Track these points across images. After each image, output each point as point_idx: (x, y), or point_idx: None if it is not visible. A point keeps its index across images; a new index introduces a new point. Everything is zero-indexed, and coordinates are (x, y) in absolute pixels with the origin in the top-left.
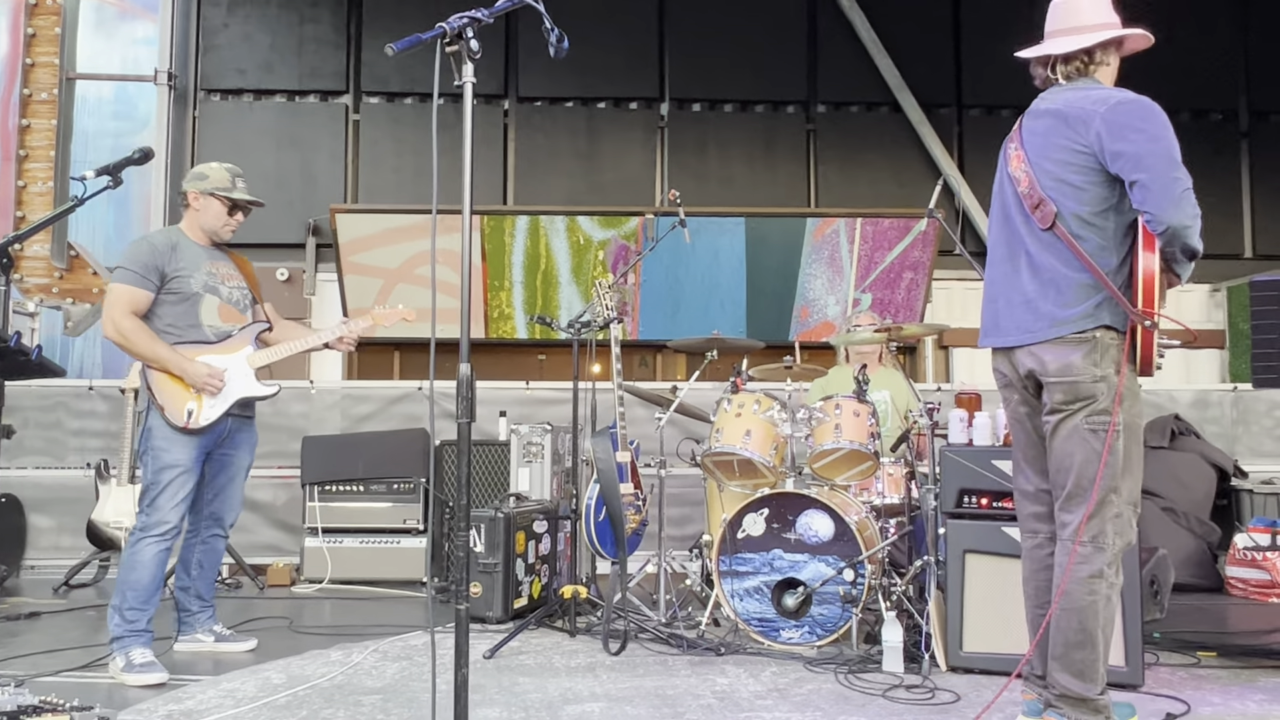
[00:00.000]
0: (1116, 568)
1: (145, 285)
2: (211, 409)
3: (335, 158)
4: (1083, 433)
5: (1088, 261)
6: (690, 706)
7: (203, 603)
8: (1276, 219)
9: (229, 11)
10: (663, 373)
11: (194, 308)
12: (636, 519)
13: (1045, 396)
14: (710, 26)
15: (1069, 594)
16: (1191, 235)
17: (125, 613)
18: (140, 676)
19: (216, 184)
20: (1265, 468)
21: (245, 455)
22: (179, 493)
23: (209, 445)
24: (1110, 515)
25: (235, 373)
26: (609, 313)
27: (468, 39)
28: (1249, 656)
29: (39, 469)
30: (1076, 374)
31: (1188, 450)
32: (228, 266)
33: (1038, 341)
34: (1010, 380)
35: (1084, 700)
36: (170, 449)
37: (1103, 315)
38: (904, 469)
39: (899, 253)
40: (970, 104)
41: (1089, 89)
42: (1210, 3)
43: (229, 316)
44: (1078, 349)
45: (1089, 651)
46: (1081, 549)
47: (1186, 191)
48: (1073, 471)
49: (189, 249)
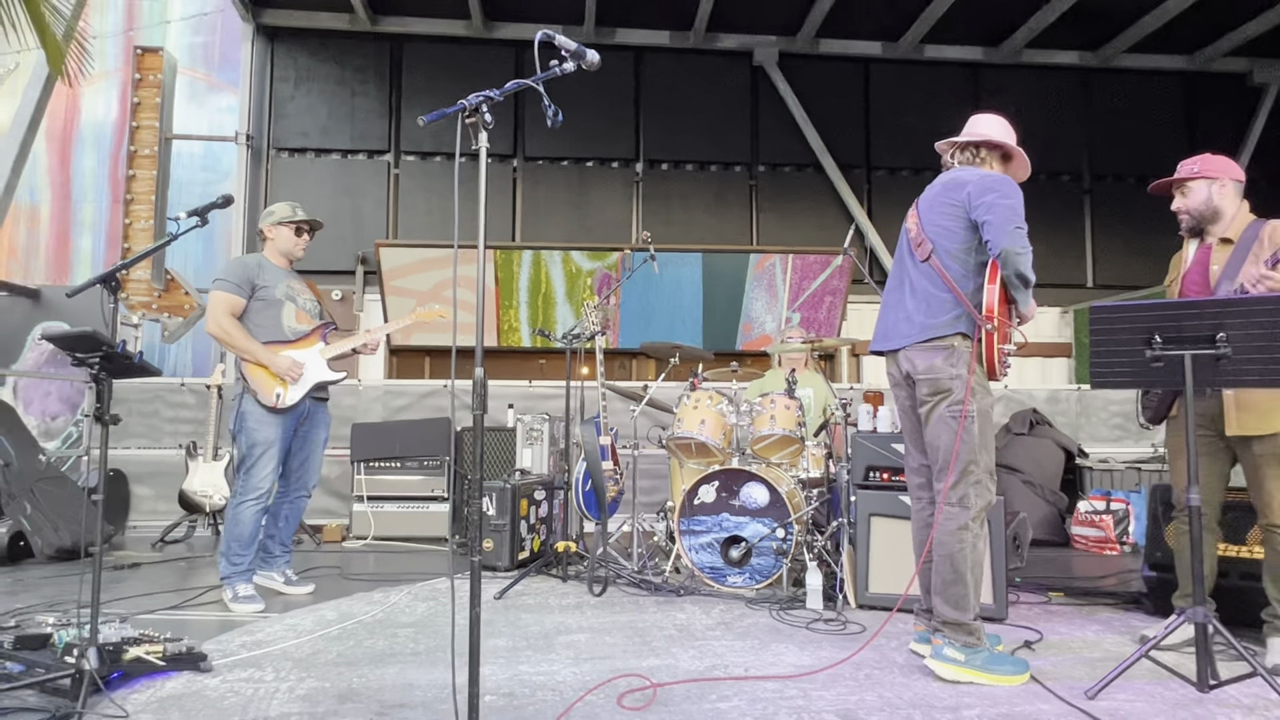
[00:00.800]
0: (981, 521)
1: (240, 293)
2: (295, 392)
3: (379, 203)
4: (946, 419)
5: (951, 284)
6: (656, 636)
7: (283, 548)
8: (1111, 257)
9: (295, 86)
10: (636, 374)
11: (277, 312)
12: (615, 489)
13: (916, 391)
14: (675, 104)
15: (942, 543)
16: (1021, 262)
17: (231, 558)
18: (244, 606)
19: (281, 216)
20: (1102, 449)
21: (322, 431)
22: (269, 463)
23: (293, 424)
24: (972, 482)
25: (311, 363)
26: (594, 327)
27: (483, 113)
28: (1088, 596)
29: (140, 449)
30: (937, 372)
31: (1043, 436)
32: (301, 284)
33: (911, 344)
34: (897, 380)
35: (960, 625)
36: (261, 428)
37: (959, 325)
38: (824, 450)
39: (821, 281)
40: (876, 165)
41: (970, 169)
42: (1061, 90)
43: (303, 320)
44: (939, 353)
45: (961, 587)
46: (950, 508)
47: (1019, 229)
48: (941, 449)
49: (271, 269)
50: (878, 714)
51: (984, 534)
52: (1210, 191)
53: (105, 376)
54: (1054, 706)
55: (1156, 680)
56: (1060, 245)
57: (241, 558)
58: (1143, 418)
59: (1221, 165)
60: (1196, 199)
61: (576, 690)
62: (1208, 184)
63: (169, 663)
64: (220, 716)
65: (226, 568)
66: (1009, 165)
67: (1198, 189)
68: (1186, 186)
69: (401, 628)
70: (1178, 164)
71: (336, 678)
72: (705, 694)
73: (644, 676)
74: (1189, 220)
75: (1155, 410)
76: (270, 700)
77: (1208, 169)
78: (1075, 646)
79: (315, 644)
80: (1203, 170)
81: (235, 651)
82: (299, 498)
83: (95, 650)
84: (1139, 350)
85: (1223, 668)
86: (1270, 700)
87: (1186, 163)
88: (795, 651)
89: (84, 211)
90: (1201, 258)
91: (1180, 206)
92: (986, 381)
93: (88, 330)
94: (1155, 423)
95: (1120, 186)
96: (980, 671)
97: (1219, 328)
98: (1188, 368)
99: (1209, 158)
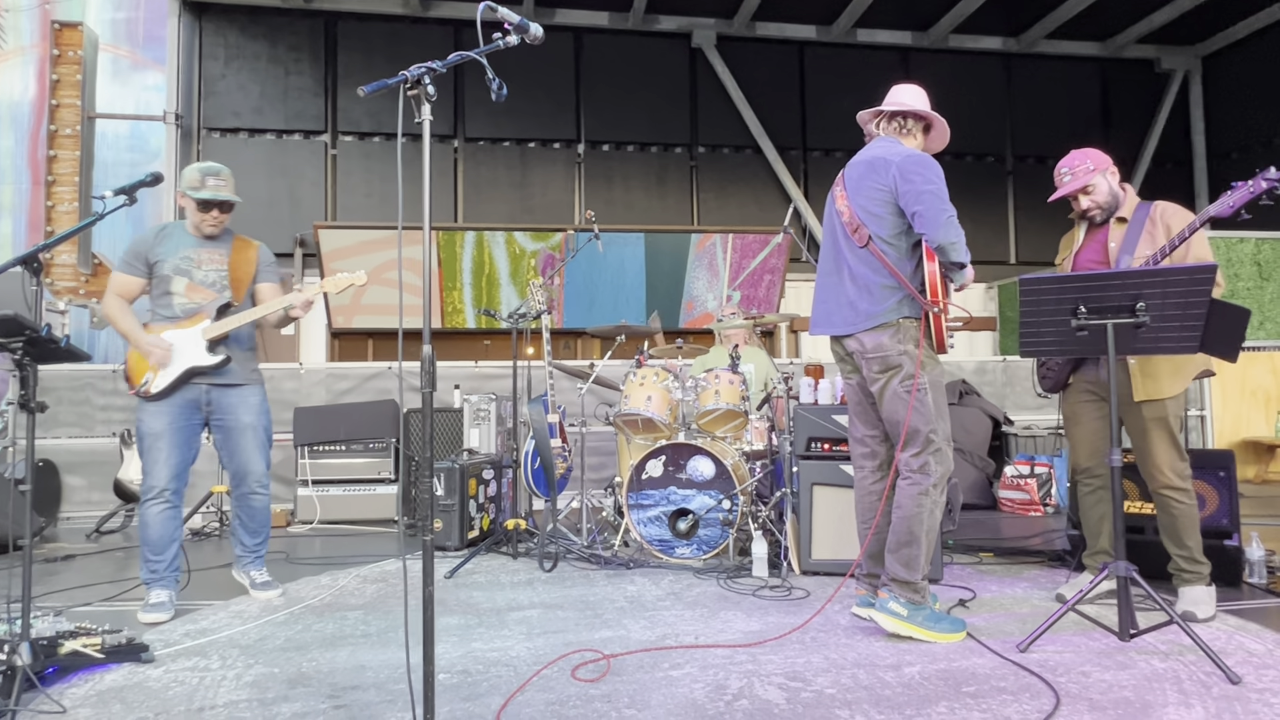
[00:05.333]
0: (941, 489)
1: (131, 270)
2: (163, 377)
3: (317, 185)
4: (900, 394)
5: (892, 269)
6: (608, 609)
7: (244, 548)
8: (1033, 234)
9: (225, 64)
10: (582, 353)
11: (166, 288)
12: (563, 466)
13: (864, 369)
14: (616, 85)
15: (902, 506)
16: (956, 251)
17: (144, 562)
18: (147, 614)
19: (187, 184)
20: (1026, 417)
21: (244, 417)
22: (159, 457)
23: (183, 414)
24: (932, 450)
25: (185, 346)
26: (540, 306)
27: (425, 84)
28: (1015, 555)
29: (71, 438)
30: (885, 350)
31: (971, 406)
32: (212, 253)
33: (858, 331)
34: (843, 356)
35: (908, 584)
36: (144, 418)
37: (903, 309)
38: (767, 423)
39: (760, 260)
40: (813, 147)
41: (892, 145)
42: (986, 74)
43: (196, 294)
44: (885, 332)
45: (914, 548)
46: (912, 475)
47: (951, 218)
48: (899, 423)
49: (178, 239)
50: (824, 674)
51: (942, 501)
52: (1109, 182)
53: (30, 362)
54: (989, 660)
55: (1081, 631)
56: (984, 223)
57: (153, 562)
58: (1040, 387)
59: (1103, 156)
60: (1102, 193)
61: (531, 665)
62: (1103, 176)
63: (108, 655)
64: (165, 706)
65: (143, 572)
66: (930, 134)
67: (1099, 184)
68: (1090, 185)
69: (351, 610)
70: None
71: (285, 663)
72: (658, 663)
73: (597, 650)
74: (1102, 214)
75: (1054, 380)
76: (217, 688)
77: (1099, 163)
78: (1006, 603)
79: (262, 630)
80: (1096, 166)
81: (179, 641)
82: (242, 494)
83: (28, 645)
84: (1065, 320)
85: (1141, 618)
86: (1184, 645)
87: (1074, 163)
88: (743, 618)
89: (2, 194)
90: (1100, 237)
91: (1091, 204)
92: (935, 355)
93: (9, 313)
94: (1053, 392)
95: (1040, 168)
96: (920, 628)
97: (1138, 298)
98: (1110, 336)
99: (1091, 152)
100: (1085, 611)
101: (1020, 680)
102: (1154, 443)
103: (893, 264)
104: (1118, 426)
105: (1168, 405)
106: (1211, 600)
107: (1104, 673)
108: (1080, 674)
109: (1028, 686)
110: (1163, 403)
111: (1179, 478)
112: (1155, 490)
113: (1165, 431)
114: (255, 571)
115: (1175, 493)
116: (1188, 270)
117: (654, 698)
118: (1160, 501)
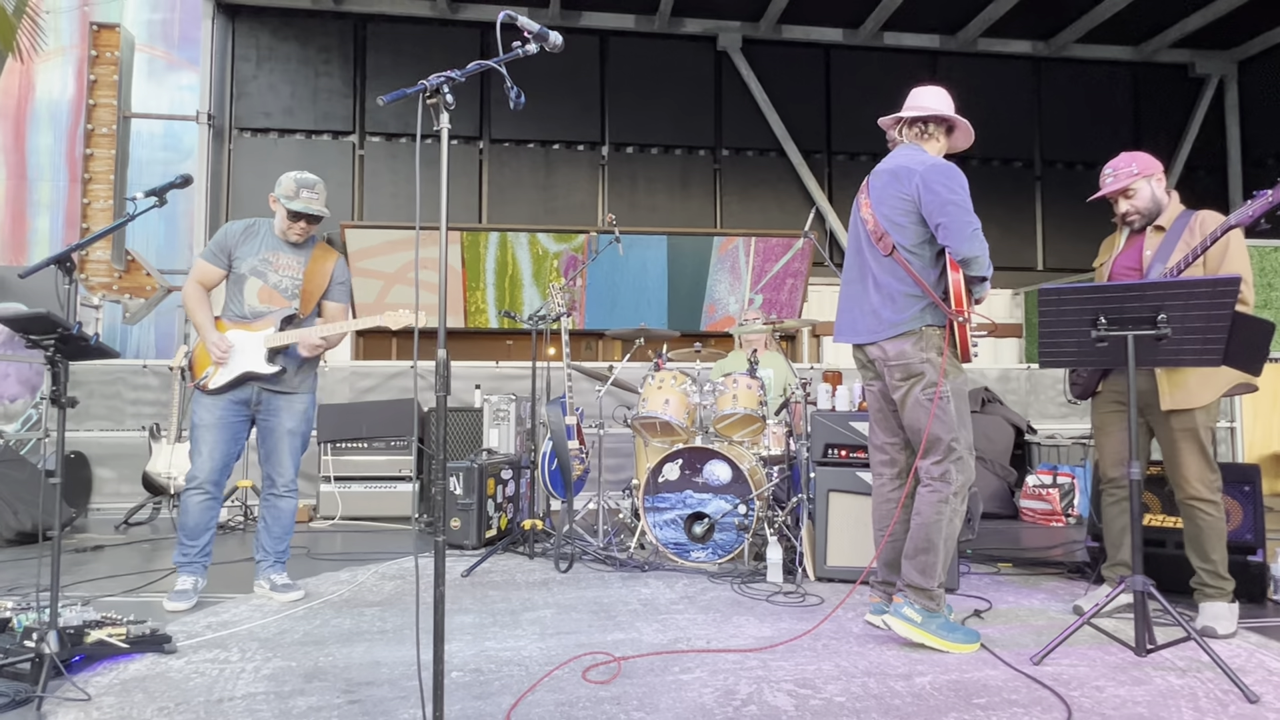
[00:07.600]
0: (962, 497)
1: (215, 261)
2: (221, 375)
3: (344, 185)
4: (922, 402)
5: (916, 277)
6: (621, 611)
7: (265, 553)
8: (1061, 241)
9: (257, 65)
10: (602, 355)
11: (240, 287)
12: (580, 468)
13: (885, 376)
14: (641, 87)
15: (921, 513)
16: (979, 265)
17: (178, 546)
18: (172, 602)
19: (281, 191)
20: (1050, 426)
21: (287, 422)
22: (203, 448)
23: (235, 411)
24: (954, 459)
25: (247, 349)
26: (561, 308)
27: (444, 94)
28: (1035, 566)
29: (102, 431)
30: (908, 358)
31: (994, 414)
32: (291, 259)
33: (881, 339)
34: (865, 363)
35: (924, 590)
36: (198, 409)
37: (926, 317)
38: (784, 428)
39: (783, 264)
40: (837, 151)
41: (915, 154)
42: (1015, 79)
43: (268, 299)
44: (908, 340)
45: (932, 556)
46: (933, 483)
47: (976, 231)
48: (921, 430)
49: (262, 238)
50: (834, 682)
51: (962, 510)
52: (1152, 188)
53: (61, 359)
54: (1002, 672)
55: (1097, 645)
56: (1012, 229)
57: (186, 546)
58: (1071, 394)
59: (1152, 161)
60: (1143, 199)
61: (543, 665)
62: (1148, 181)
63: (132, 645)
64: (185, 697)
65: (176, 555)
66: (953, 136)
67: (1141, 189)
68: (1131, 189)
69: (369, 606)
70: (1106, 164)
71: (303, 657)
72: (668, 666)
73: (608, 652)
74: (1141, 219)
75: (1084, 387)
76: (236, 680)
77: (1145, 168)
78: (1022, 615)
79: (282, 624)
80: (1141, 170)
81: (200, 632)
82: (271, 496)
83: (56, 633)
84: (1085, 331)
85: (1159, 633)
86: (1202, 662)
87: (1119, 165)
88: (756, 623)
89: (41, 191)
90: (1138, 244)
91: (1130, 208)
92: (959, 364)
93: (42, 312)
94: (1082, 398)
95: (1070, 173)
96: (933, 635)
97: (1160, 309)
98: (1130, 348)
99: (1140, 156)
100: (1102, 625)
101: (1033, 693)
102: (1182, 453)
103: (917, 272)
104: (1138, 438)
105: (1197, 416)
106: (1233, 617)
107: (1118, 688)
108: (1094, 688)
109: (1040, 700)
110: (1191, 413)
111: (1207, 489)
112: (1182, 500)
113: (1194, 442)
114: (275, 575)
115: (1202, 504)
116: (1210, 282)
117: (663, 701)
118: (1187, 512)
